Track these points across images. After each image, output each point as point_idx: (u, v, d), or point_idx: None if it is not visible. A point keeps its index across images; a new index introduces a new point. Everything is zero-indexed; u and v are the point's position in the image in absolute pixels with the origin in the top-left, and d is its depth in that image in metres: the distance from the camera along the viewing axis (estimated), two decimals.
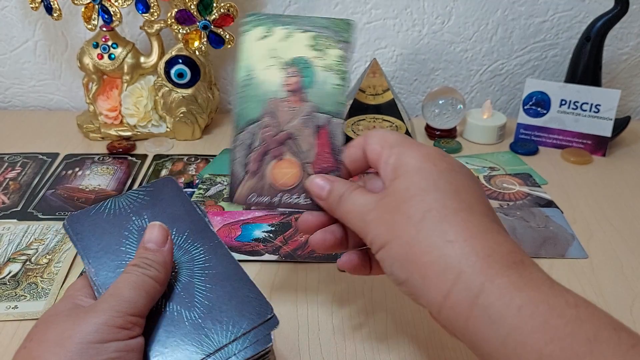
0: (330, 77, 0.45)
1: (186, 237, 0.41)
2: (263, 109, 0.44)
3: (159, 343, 0.36)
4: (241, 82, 0.44)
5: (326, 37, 0.45)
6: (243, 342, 0.36)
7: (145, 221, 0.42)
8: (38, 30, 0.88)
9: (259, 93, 0.44)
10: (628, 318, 0.51)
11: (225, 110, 0.94)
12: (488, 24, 0.88)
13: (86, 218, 0.42)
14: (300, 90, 0.44)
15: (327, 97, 0.44)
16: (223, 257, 0.40)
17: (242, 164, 0.44)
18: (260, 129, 0.44)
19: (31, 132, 0.85)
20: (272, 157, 0.44)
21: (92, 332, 0.33)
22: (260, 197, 0.45)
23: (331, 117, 0.44)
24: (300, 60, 0.44)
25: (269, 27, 0.45)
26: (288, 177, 0.44)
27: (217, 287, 0.39)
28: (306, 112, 0.44)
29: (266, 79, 0.44)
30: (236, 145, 0.44)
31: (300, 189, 0.44)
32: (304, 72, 0.44)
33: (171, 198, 0.43)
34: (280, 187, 0.44)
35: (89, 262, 0.39)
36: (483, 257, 0.32)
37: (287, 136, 0.44)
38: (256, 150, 0.44)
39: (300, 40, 0.45)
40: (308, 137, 0.44)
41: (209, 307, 0.38)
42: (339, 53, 0.45)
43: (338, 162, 0.44)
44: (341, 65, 0.45)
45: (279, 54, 0.44)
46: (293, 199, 0.44)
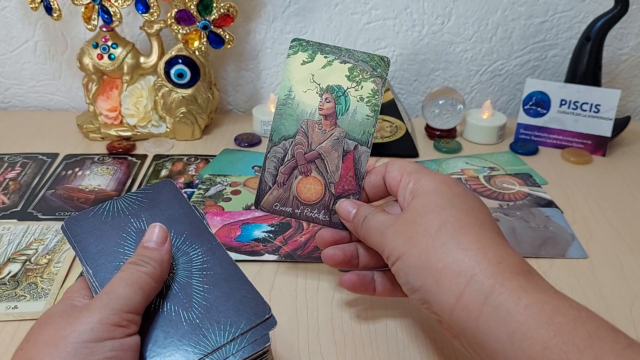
0: (363, 107, 0.49)
1: (184, 239, 0.41)
2: (298, 127, 0.48)
3: (156, 343, 0.36)
4: (281, 100, 0.49)
5: (362, 70, 0.49)
6: (241, 342, 0.36)
7: (144, 223, 0.42)
8: (38, 31, 0.88)
9: (296, 113, 0.49)
10: (628, 318, 0.51)
11: (225, 110, 0.94)
12: (488, 24, 0.88)
13: (84, 220, 0.42)
14: (334, 116, 0.49)
15: (357, 126, 0.49)
16: (221, 258, 0.40)
17: (272, 175, 0.49)
18: (293, 146, 0.48)
19: (31, 132, 0.85)
20: (300, 173, 0.48)
21: (86, 331, 0.33)
22: (284, 206, 0.49)
23: (358, 145, 0.49)
24: (337, 88, 0.49)
25: (311, 53, 0.49)
26: (312, 193, 0.48)
27: (214, 287, 0.39)
28: (336, 136, 0.49)
29: (304, 100, 0.49)
30: (269, 156, 0.48)
31: (320, 205, 0.49)
32: (339, 100, 0.49)
33: (169, 200, 0.43)
34: (303, 201, 0.49)
35: (86, 263, 0.39)
36: (494, 264, 0.36)
37: (316, 156, 0.48)
38: (286, 164, 0.48)
39: (338, 70, 0.49)
40: (335, 159, 0.48)
41: (207, 307, 0.38)
42: (373, 87, 0.49)
43: (359, 186, 0.48)
44: (373, 99, 0.49)
45: (318, 80, 0.49)
46: (313, 214, 0.49)
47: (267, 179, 0.48)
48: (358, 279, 0.47)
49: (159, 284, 0.38)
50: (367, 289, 0.47)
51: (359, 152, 0.48)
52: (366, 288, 0.47)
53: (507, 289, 0.34)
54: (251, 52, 0.90)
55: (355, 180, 0.48)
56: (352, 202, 0.47)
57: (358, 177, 0.48)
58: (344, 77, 0.49)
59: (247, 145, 0.81)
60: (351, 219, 0.46)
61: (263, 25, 0.88)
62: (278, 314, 0.38)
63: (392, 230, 0.41)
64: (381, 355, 0.47)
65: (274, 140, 0.48)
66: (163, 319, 0.37)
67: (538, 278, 0.36)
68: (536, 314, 0.33)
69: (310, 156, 0.48)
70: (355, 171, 0.48)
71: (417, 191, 0.42)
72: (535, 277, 0.36)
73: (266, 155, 0.48)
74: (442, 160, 0.78)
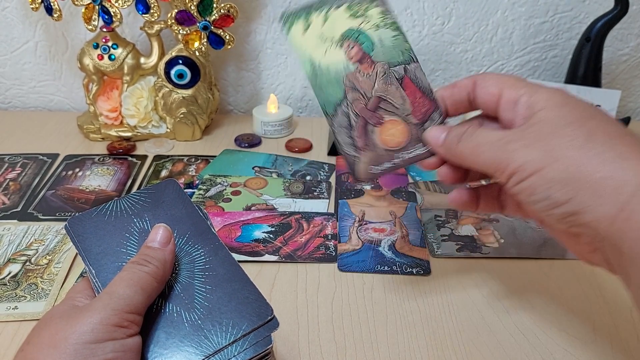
0: (385, 32, 0.46)
1: (187, 239, 0.41)
2: (342, 87, 0.46)
3: (158, 344, 0.36)
4: (310, 75, 0.46)
5: (359, 2, 0.47)
6: (243, 343, 0.36)
7: (147, 223, 0.42)
8: (38, 31, 0.88)
9: (331, 77, 0.46)
10: (628, 319, 0.51)
11: (225, 111, 0.94)
12: (488, 25, 0.88)
13: (87, 220, 0.42)
14: (366, 56, 0.46)
15: (392, 51, 0.46)
16: (224, 259, 0.40)
17: (350, 144, 0.46)
18: (351, 106, 0.45)
19: (31, 132, 0.85)
20: (374, 125, 0.45)
21: (87, 332, 0.33)
22: (380, 165, 0.46)
23: (406, 65, 0.46)
24: (350, 31, 0.46)
25: (305, 18, 0.46)
26: (397, 136, 0.45)
27: (217, 288, 0.39)
28: (382, 71, 0.46)
29: (330, 61, 0.46)
30: (336, 131, 0.45)
31: (413, 141, 0.46)
32: (359, 39, 0.46)
33: (173, 200, 0.43)
34: (394, 148, 0.45)
35: (89, 263, 0.39)
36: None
37: (377, 101, 0.46)
38: (356, 126, 0.45)
39: (339, 16, 0.47)
40: (396, 92, 0.46)
41: (209, 308, 0.38)
42: (379, 10, 0.47)
43: (434, 100, 0.45)
44: (387, 19, 0.47)
45: (328, 36, 0.46)
46: (412, 153, 0.46)
47: (348, 151, 0.45)
48: (468, 195, 0.46)
49: (161, 285, 0.38)
50: (473, 204, 0.46)
51: (411, 71, 0.46)
52: (473, 203, 0.46)
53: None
54: (251, 52, 0.90)
55: (427, 98, 0.46)
56: (441, 127, 0.45)
57: (427, 94, 0.45)
58: (348, 19, 0.46)
59: (248, 146, 0.81)
60: (441, 142, 0.43)
61: (263, 26, 0.88)
62: (278, 315, 0.38)
63: (520, 145, 0.38)
64: (381, 355, 0.47)
65: (329, 113, 0.46)
66: (165, 319, 0.37)
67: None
68: None
69: (373, 104, 0.46)
70: (421, 90, 0.46)
71: (537, 104, 0.39)
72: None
73: (333, 131, 0.46)
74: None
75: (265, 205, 0.67)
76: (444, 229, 0.63)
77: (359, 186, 0.71)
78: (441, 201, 0.68)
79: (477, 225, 0.63)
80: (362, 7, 0.47)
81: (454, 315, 0.51)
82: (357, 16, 0.47)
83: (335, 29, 0.46)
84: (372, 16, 0.47)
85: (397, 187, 0.71)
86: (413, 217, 0.65)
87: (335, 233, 0.62)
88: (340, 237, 0.61)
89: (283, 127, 0.84)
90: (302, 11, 0.47)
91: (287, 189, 0.70)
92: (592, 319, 0.51)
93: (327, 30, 0.46)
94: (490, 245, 0.60)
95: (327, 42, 0.46)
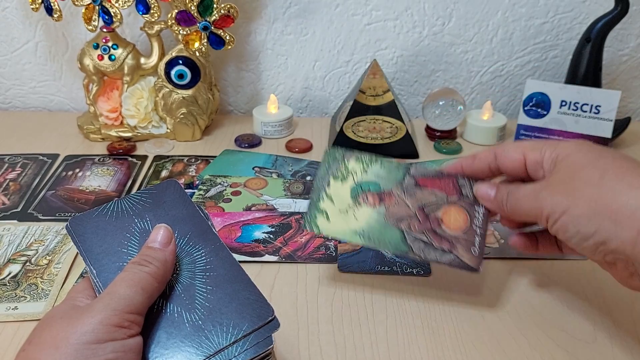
0: (374, 169, 0.53)
1: (188, 240, 0.41)
2: (392, 226, 0.50)
3: (159, 344, 0.36)
4: (365, 242, 0.49)
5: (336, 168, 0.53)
6: (243, 344, 0.36)
7: (148, 223, 0.42)
8: (39, 32, 0.89)
9: (378, 229, 0.50)
10: (628, 319, 0.51)
11: (225, 111, 0.94)
12: (488, 26, 0.88)
13: (89, 220, 0.42)
14: (381, 194, 0.51)
15: (391, 174, 0.53)
16: (225, 259, 0.40)
17: (443, 254, 0.49)
18: (412, 232, 0.49)
19: (31, 133, 0.85)
20: (439, 225, 0.50)
21: (87, 332, 0.33)
22: (474, 243, 0.49)
23: (408, 172, 0.53)
24: (354, 190, 0.52)
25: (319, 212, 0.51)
26: (458, 218, 0.50)
27: (218, 289, 0.39)
28: (401, 192, 0.52)
29: (364, 220, 0.50)
30: (424, 257, 0.48)
31: (471, 208, 0.51)
32: (365, 188, 0.52)
33: (174, 200, 0.43)
34: (467, 225, 0.50)
35: (90, 263, 0.39)
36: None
37: (421, 211, 0.50)
38: (430, 238, 0.49)
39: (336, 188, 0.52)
40: (423, 193, 0.51)
41: (210, 309, 0.38)
42: (353, 160, 0.54)
43: (449, 175, 0.52)
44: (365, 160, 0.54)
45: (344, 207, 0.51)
46: (480, 216, 0.51)
47: (447, 260, 0.48)
48: (527, 238, 0.51)
49: (161, 285, 0.38)
50: (533, 246, 0.51)
51: (415, 173, 0.52)
52: (532, 246, 0.51)
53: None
54: (252, 53, 0.90)
55: (443, 178, 0.52)
56: (488, 183, 0.51)
57: (439, 176, 0.52)
58: (343, 184, 0.52)
59: (248, 146, 0.81)
60: (492, 198, 0.50)
61: (264, 26, 0.88)
62: (278, 315, 0.38)
63: (547, 192, 0.44)
64: (381, 356, 0.47)
65: (405, 250, 0.49)
66: (166, 320, 0.37)
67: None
68: None
69: (422, 216, 0.50)
70: (434, 177, 0.52)
71: (559, 156, 0.45)
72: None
73: (423, 259, 0.49)
74: (443, 162, 0.78)
75: (266, 206, 0.67)
76: None
77: None
78: None
79: None
80: (341, 169, 0.53)
81: (454, 316, 0.51)
82: (346, 177, 0.52)
83: (343, 198, 0.51)
84: (354, 168, 0.53)
85: None
86: None
87: None
88: None
89: (283, 127, 0.84)
90: (312, 210, 0.51)
91: (287, 189, 0.70)
92: (592, 319, 0.51)
93: (340, 204, 0.51)
94: (490, 245, 0.60)
95: (349, 211, 0.51)
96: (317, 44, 0.89)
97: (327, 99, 0.93)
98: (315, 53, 0.90)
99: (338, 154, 0.54)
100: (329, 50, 0.89)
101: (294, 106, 0.94)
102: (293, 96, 0.93)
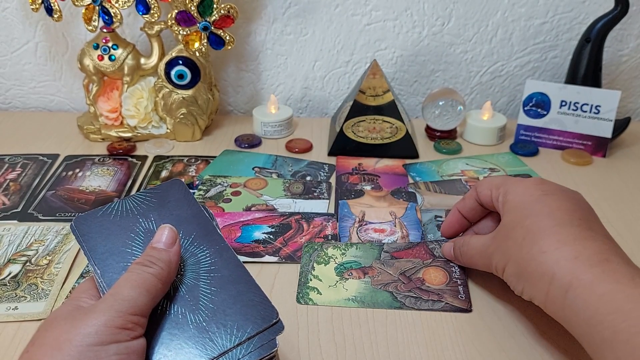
0: (352, 250, 0.59)
1: (192, 240, 0.41)
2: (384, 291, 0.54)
3: (162, 345, 0.36)
4: (360, 305, 0.52)
5: (317, 254, 0.58)
6: (247, 346, 0.36)
7: (152, 223, 0.42)
8: (39, 32, 0.89)
9: (369, 294, 0.53)
10: None
11: (225, 111, 0.94)
12: (488, 26, 0.88)
13: (93, 219, 0.42)
14: (365, 269, 0.56)
15: (369, 252, 0.58)
16: (229, 260, 0.40)
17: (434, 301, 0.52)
18: (403, 294, 0.53)
19: (32, 133, 0.85)
20: (423, 283, 0.54)
21: (91, 334, 0.33)
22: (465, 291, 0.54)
23: (382, 248, 0.58)
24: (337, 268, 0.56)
25: (310, 289, 0.54)
26: (436, 275, 0.55)
27: (222, 290, 0.38)
28: (380, 265, 0.56)
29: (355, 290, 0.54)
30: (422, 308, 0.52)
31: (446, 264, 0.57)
32: (348, 267, 0.56)
33: (178, 200, 0.43)
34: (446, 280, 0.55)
35: (94, 263, 0.39)
36: (570, 260, 0.41)
37: (403, 277, 0.55)
38: (422, 295, 0.53)
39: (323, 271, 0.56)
40: (400, 262, 0.57)
41: (214, 310, 0.37)
42: (330, 247, 0.59)
43: (421, 243, 0.59)
44: (341, 246, 0.59)
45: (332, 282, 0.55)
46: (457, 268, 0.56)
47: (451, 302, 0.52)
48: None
49: (165, 286, 0.37)
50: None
51: (388, 247, 0.59)
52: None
53: (583, 282, 0.39)
54: (251, 53, 0.90)
55: (415, 246, 0.59)
56: (445, 245, 0.57)
57: (412, 246, 0.59)
58: (327, 266, 0.56)
59: (248, 147, 0.81)
60: (453, 257, 0.55)
61: (263, 27, 0.88)
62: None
63: (492, 250, 0.48)
64: (381, 356, 0.47)
65: (399, 306, 0.52)
66: (170, 321, 0.37)
67: (616, 265, 0.40)
68: (608, 302, 0.38)
69: (404, 279, 0.54)
70: (406, 249, 0.58)
71: (505, 205, 0.49)
72: (613, 264, 0.40)
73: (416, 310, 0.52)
74: (443, 162, 0.78)
75: (266, 206, 0.67)
76: None
77: (358, 187, 0.71)
78: (441, 201, 0.68)
79: None
80: (322, 255, 0.57)
81: (454, 316, 0.51)
82: (328, 262, 0.57)
83: (330, 276, 0.55)
84: (333, 253, 0.58)
85: (397, 188, 0.71)
86: (413, 218, 0.65)
87: (335, 233, 0.62)
88: (341, 238, 0.61)
89: (283, 127, 0.84)
90: (303, 289, 0.54)
91: (287, 190, 0.70)
92: None
93: (328, 281, 0.54)
94: None
95: (338, 284, 0.54)
96: (316, 44, 0.89)
97: (326, 99, 0.93)
98: (315, 53, 0.90)
99: (317, 245, 0.59)
100: (328, 50, 0.89)
101: (294, 106, 0.94)
102: (293, 96, 0.93)
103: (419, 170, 0.75)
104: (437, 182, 0.72)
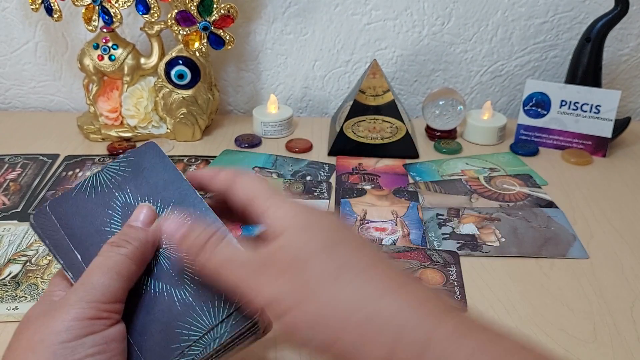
0: None
1: (172, 208, 0.39)
2: None
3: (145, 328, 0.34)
4: None
5: None
6: (236, 316, 0.35)
7: (129, 195, 0.39)
8: (38, 32, 0.88)
9: None
10: (628, 319, 0.51)
11: (225, 111, 0.94)
12: (488, 25, 0.88)
13: (67, 201, 0.39)
14: None
15: None
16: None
17: None
18: None
19: (31, 133, 0.85)
20: None
21: (62, 332, 0.31)
22: (461, 293, 0.54)
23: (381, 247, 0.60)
24: None
25: None
26: (438, 277, 0.56)
27: None
28: None
29: None
30: None
31: None
32: None
33: (154, 166, 0.41)
34: (447, 283, 0.55)
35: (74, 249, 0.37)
36: (418, 307, 0.30)
37: None
38: None
39: None
40: (398, 263, 0.56)
41: (199, 283, 0.36)
42: None
43: (424, 252, 0.58)
44: None
45: None
46: None
47: None
48: None
49: (140, 267, 0.35)
50: None
51: (389, 247, 0.60)
52: None
53: (444, 336, 0.29)
54: (251, 53, 0.90)
55: (424, 253, 0.58)
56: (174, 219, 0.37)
57: (414, 250, 0.58)
58: None
59: (248, 146, 0.81)
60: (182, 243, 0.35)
61: (263, 26, 0.88)
62: None
63: (271, 273, 0.32)
64: None
65: None
66: (154, 300, 0.35)
67: (465, 314, 0.31)
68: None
69: None
70: (409, 251, 0.57)
71: (278, 221, 0.34)
72: (461, 313, 0.31)
73: None
74: (443, 161, 0.78)
75: None
76: (445, 228, 0.63)
77: (359, 187, 0.71)
78: (442, 201, 0.68)
79: (478, 224, 0.63)
80: None
81: None
82: None
83: None
84: None
85: (398, 187, 0.71)
86: (415, 217, 0.65)
87: None
88: None
89: (283, 127, 0.84)
90: None
91: (287, 190, 0.70)
92: (592, 319, 0.51)
93: None
94: (491, 244, 0.60)
95: None
96: (316, 43, 0.89)
97: (327, 98, 0.93)
98: (314, 53, 0.90)
99: None
100: (328, 50, 0.89)
101: (294, 106, 0.94)
102: (293, 96, 0.93)
103: (419, 170, 0.75)
104: (437, 182, 0.72)
